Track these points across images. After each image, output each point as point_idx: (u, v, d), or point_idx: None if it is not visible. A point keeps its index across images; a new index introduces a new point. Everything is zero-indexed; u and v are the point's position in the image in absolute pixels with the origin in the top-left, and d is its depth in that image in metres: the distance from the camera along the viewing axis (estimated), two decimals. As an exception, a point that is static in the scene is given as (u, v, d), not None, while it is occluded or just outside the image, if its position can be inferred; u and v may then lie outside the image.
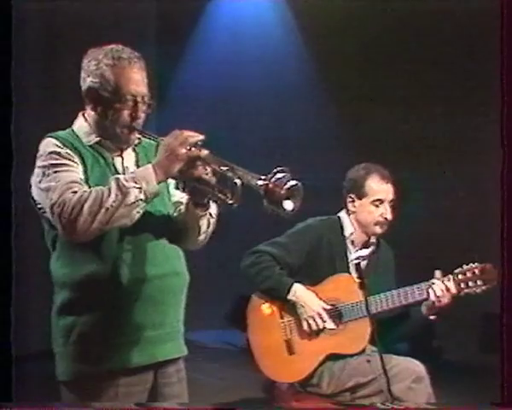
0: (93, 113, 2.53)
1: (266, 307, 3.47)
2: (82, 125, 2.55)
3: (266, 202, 2.27)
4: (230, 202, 2.39)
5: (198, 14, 6.86)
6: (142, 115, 2.51)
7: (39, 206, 2.45)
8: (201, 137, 2.40)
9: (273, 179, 2.27)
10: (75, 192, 2.34)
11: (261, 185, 2.27)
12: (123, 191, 2.32)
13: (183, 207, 2.59)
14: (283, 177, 2.27)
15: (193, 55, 6.85)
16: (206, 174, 2.40)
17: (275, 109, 6.49)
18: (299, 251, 3.47)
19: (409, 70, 5.81)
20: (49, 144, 2.46)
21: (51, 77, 5.69)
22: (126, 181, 2.34)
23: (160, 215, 2.55)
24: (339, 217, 3.59)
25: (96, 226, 2.31)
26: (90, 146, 2.51)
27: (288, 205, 2.29)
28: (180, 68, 6.85)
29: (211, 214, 2.58)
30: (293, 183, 2.28)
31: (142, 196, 2.34)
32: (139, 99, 2.49)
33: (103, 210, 2.30)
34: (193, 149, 2.38)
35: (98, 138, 2.52)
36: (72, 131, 2.55)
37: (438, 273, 3.33)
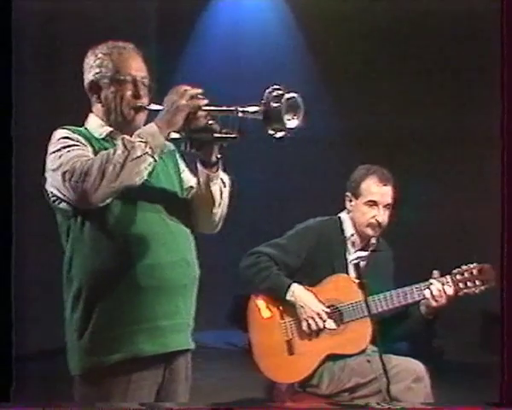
0: (99, 104, 2.57)
1: (267, 308, 3.47)
2: (92, 120, 2.59)
3: (268, 124, 2.28)
4: (234, 135, 2.42)
5: (198, 13, 6.87)
6: (144, 94, 2.55)
7: (53, 192, 2.46)
8: (200, 90, 2.45)
9: (269, 98, 2.28)
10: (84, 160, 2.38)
11: (259, 109, 2.29)
12: (129, 147, 2.34)
13: (194, 191, 2.61)
14: (280, 93, 2.28)
15: (193, 54, 6.85)
16: (210, 124, 2.44)
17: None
18: (297, 252, 3.47)
19: (409, 70, 5.81)
20: (59, 133, 2.50)
21: (51, 77, 5.69)
22: (132, 138, 2.38)
23: (172, 200, 2.57)
24: (339, 217, 3.59)
25: (105, 185, 2.33)
26: (103, 139, 2.54)
27: (291, 122, 2.29)
28: (180, 67, 6.85)
29: (223, 181, 2.59)
30: (290, 95, 2.28)
31: (148, 150, 2.36)
32: (138, 78, 2.54)
33: (111, 166, 2.32)
34: (193, 98, 2.42)
35: (110, 129, 2.55)
36: (85, 128, 2.58)
37: (436, 273, 3.32)
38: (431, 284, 3.29)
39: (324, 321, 3.39)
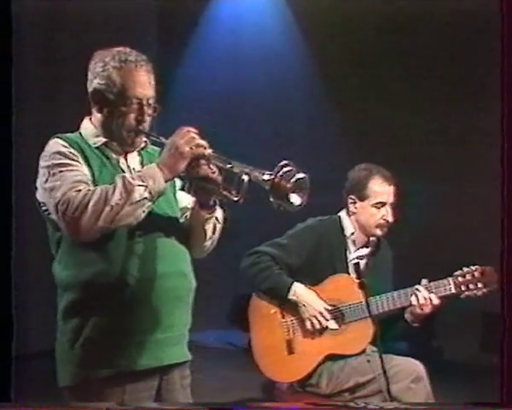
0: (99, 115, 2.52)
1: (268, 307, 3.47)
2: (88, 127, 2.55)
3: (273, 197, 2.26)
4: (235, 198, 2.38)
5: (198, 14, 6.86)
6: (147, 119, 2.51)
7: (44, 207, 2.44)
8: (204, 143, 2.39)
9: (279, 173, 2.25)
10: (79, 191, 2.33)
11: (267, 180, 2.26)
12: (128, 189, 2.31)
13: (189, 213, 2.59)
14: (290, 170, 2.26)
15: (193, 55, 6.84)
16: (213, 173, 2.39)
17: (275, 109, 6.49)
18: (298, 251, 3.47)
19: (409, 70, 5.81)
20: (54, 145, 2.46)
21: (51, 77, 5.69)
22: (133, 179, 2.33)
23: (167, 218, 2.53)
24: (339, 217, 3.59)
25: (101, 225, 2.30)
26: (97, 148, 2.50)
27: (295, 199, 2.28)
28: (180, 68, 6.85)
29: (217, 219, 2.57)
30: (299, 176, 2.27)
31: (147, 195, 2.33)
32: (145, 102, 2.48)
33: (108, 208, 2.29)
34: (198, 147, 2.37)
35: (104, 140, 2.51)
36: (80, 134, 2.54)
37: (424, 281, 3.33)
38: (417, 290, 3.30)
39: (327, 320, 3.40)
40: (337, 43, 6.04)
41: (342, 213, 3.59)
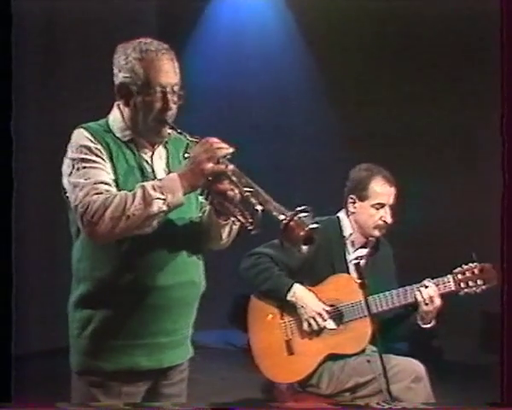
0: (127, 108, 2.52)
1: (267, 308, 3.47)
2: (117, 118, 2.54)
3: (282, 236, 2.25)
4: (250, 227, 2.38)
5: (198, 13, 6.86)
6: (173, 107, 2.50)
7: (67, 194, 2.46)
8: (230, 150, 2.38)
9: (295, 218, 2.24)
10: (100, 194, 2.35)
11: (282, 220, 2.24)
12: (147, 201, 2.32)
13: (207, 209, 2.58)
14: (306, 217, 2.24)
15: (193, 55, 6.84)
16: (231, 190, 2.38)
17: (275, 108, 6.49)
18: (297, 252, 3.47)
19: (409, 71, 5.81)
20: (80, 136, 2.46)
21: (51, 77, 5.69)
22: (153, 190, 2.34)
23: (184, 218, 2.54)
24: (338, 217, 3.59)
25: (117, 232, 2.33)
26: (123, 142, 2.50)
27: (304, 249, 2.28)
28: (180, 68, 6.85)
29: (234, 222, 2.56)
30: (314, 226, 2.25)
31: (165, 208, 2.34)
32: (169, 89, 2.48)
33: (124, 217, 2.31)
34: (220, 163, 2.36)
35: (132, 136, 2.51)
36: (107, 123, 2.54)
37: (426, 282, 3.33)
38: (426, 286, 3.30)
39: (325, 321, 3.40)
40: (337, 43, 6.04)
41: (341, 214, 3.59)
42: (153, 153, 2.55)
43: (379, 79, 5.89)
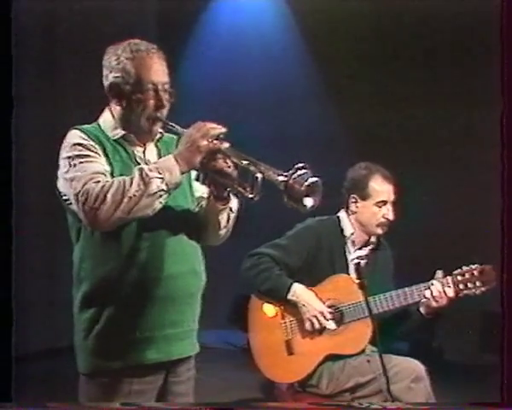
0: (119, 107, 2.55)
1: (267, 308, 3.48)
2: (108, 119, 2.58)
3: (286, 198, 2.28)
4: (250, 195, 2.40)
5: (198, 14, 6.86)
6: (165, 104, 2.53)
7: (64, 197, 2.48)
8: (223, 129, 2.43)
9: (294, 176, 2.28)
10: (98, 182, 2.37)
11: (282, 181, 2.28)
12: (145, 181, 2.34)
13: (204, 203, 2.61)
14: (304, 173, 2.29)
15: (193, 55, 6.84)
16: (228, 167, 2.42)
17: (275, 109, 6.49)
18: (298, 252, 3.48)
19: (409, 70, 5.81)
20: (73, 136, 2.49)
21: (51, 77, 5.69)
22: (150, 171, 2.37)
23: (181, 210, 2.57)
24: (338, 217, 3.59)
25: (119, 215, 2.34)
26: (115, 140, 2.54)
27: (308, 202, 2.31)
28: (180, 68, 6.84)
29: (231, 209, 2.60)
30: (313, 180, 2.29)
31: (163, 187, 2.36)
32: (160, 87, 2.51)
33: (126, 199, 2.33)
34: (214, 141, 2.40)
35: (123, 132, 2.54)
36: (98, 125, 2.58)
37: (439, 273, 3.33)
38: (432, 284, 3.30)
39: (327, 320, 3.40)
40: (337, 43, 6.05)
41: (341, 214, 3.60)
42: (145, 149, 2.59)
43: (379, 79, 5.89)
